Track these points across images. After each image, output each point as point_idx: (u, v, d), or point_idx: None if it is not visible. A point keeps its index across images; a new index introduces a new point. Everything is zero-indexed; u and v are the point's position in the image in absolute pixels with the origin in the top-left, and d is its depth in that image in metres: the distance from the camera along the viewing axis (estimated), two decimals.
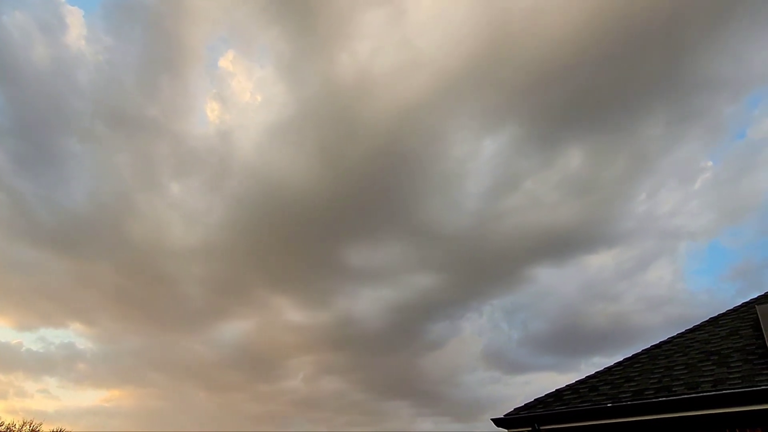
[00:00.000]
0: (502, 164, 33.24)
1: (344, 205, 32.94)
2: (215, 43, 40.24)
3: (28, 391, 38.25)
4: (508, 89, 29.84)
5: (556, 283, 38.43)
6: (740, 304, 8.62)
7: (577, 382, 7.89)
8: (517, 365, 37.32)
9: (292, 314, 40.20)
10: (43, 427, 23.55)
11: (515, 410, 7.57)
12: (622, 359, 8.15)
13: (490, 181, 33.59)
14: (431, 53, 29.96)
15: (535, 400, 7.72)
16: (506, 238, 33.54)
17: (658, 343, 8.30)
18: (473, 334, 40.35)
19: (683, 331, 8.43)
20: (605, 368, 8.01)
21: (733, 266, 36.83)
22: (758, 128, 32.88)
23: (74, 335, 43.88)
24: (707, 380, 6.32)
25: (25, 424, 23.08)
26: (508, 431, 7.49)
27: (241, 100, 37.75)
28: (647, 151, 30.91)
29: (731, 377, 6.17)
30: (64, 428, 24.22)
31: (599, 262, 37.41)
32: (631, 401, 6.51)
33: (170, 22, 32.03)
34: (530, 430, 7.14)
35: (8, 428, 22.26)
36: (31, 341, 47.78)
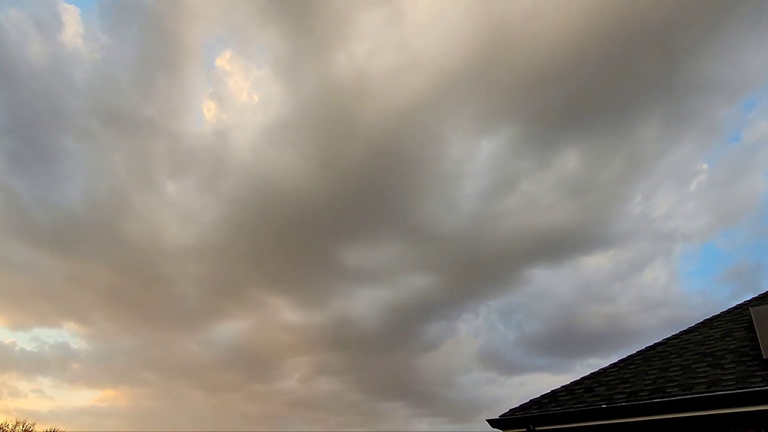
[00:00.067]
0: (498, 165, 33.36)
1: (341, 205, 32.98)
2: (212, 42, 40.23)
3: (21, 390, 38.07)
4: (505, 90, 29.94)
5: (552, 284, 38.60)
6: (734, 305, 8.68)
7: (572, 383, 7.91)
8: (512, 366, 37.45)
9: (288, 314, 40.18)
10: (36, 427, 23.38)
11: (510, 411, 7.59)
12: (617, 360, 8.19)
13: (487, 182, 33.71)
14: (429, 54, 30.06)
15: (530, 401, 7.75)
16: (503, 239, 33.66)
17: (652, 344, 8.34)
18: (469, 334, 40.44)
19: (678, 332, 8.47)
20: (600, 369, 8.04)
21: (727, 268, 37.06)
22: (753, 131, 33.10)
23: (68, 335, 43.70)
24: (701, 382, 6.35)
25: (18, 424, 22.92)
26: None
27: (238, 99, 37.72)
28: (643, 153, 31.10)
29: (725, 379, 6.20)
30: (57, 428, 24.04)
31: (595, 263, 37.60)
32: (625, 402, 6.54)
33: (167, 20, 32.00)
34: (525, 430, 7.16)
35: (1, 428, 22.10)
36: (24, 341, 47.54)
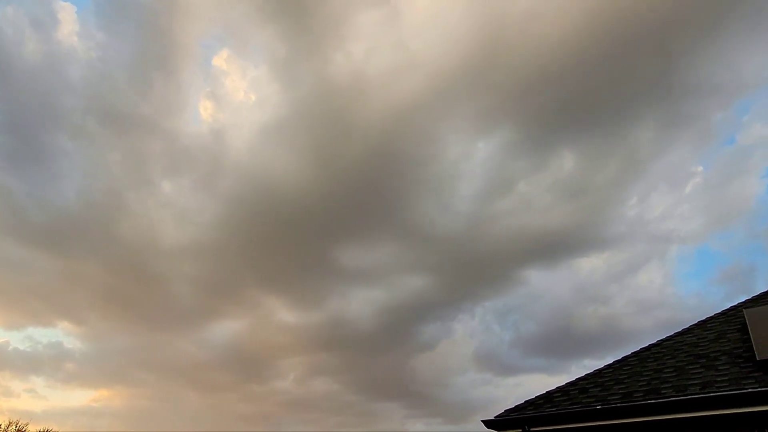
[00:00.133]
0: (495, 166, 33.28)
1: (338, 205, 32.90)
2: (209, 41, 39.92)
3: (14, 390, 37.72)
4: (502, 92, 29.92)
5: (547, 285, 38.54)
6: (728, 307, 8.71)
7: (567, 384, 7.94)
8: (508, 367, 37.42)
9: (283, 314, 40.01)
10: (29, 427, 23.18)
11: (505, 412, 7.60)
12: (611, 362, 8.21)
13: (483, 183, 33.64)
14: (427, 55, 29.95)
15: (525, 401, 7.76)
16: (499, 240, 33.63)
17: (647, 345, 8.37)
18: (465, 335, 40.38)
19: (672, 334, 8.51)
20: (595, 370, 8.07)
21: (721, 270, 37.15)
22: (747, 134, 33.14)
23: (62, 334, 43.21)
24: (695, 383, 6.39)
25: (11, 424, 22.70)
26: None
27: (234, 99, 37.50)
28: (639, 155, 31.09)
29: (719, 380, 6.23)
30: (51, 428, 23.88)
31: (590, 265, 37.58)
32: (620, 403, 6.56)
33: (164, 19, 31.74)
34: (520, 431, 7.18)
35: None
36: (18, 340, 47.16)
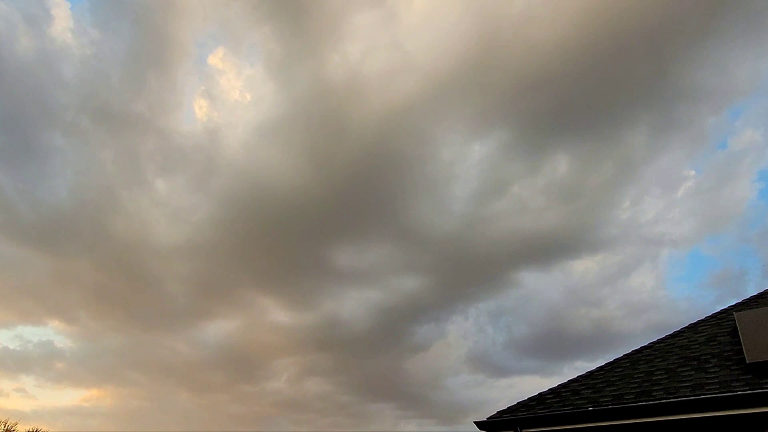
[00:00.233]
0: (489, 168, 33.42)
1: (332, 205, 32.85)
2: (205, 39, 39.73)
3: (3, 390, 37.29)
4: (497, 94, 30.01)
5: (540, 287, 38.68)
6: (719, 310, 8.78)
7: (559, 385, 7.98)
8: (501, 368, 37.50)
9: (276, 315, 39.86)
10: (18, 427, 22.97)
11: (498, 413, 7.63)
12: (604, 364, 8.26)
13: (477, 185, 33.73)
14: (422, 56, 30.01)
15: (518, 403, 7.79)
16: (493, 241, 33.71)
17: (639, 348, 8.43)
18: (458, 337, 40.43)
19: (663, 336, 8.58)
20: (587, 372, 8.11)
21: (712, 274, 37.46)
22: (739, 139, 33.47)
23: (53, 333, 42.81)
24: (686, 385, 6.44)
25: (0, 423, 22.55)
26: None
27: (229, 98, 37.33)
28: (632, 158, 31.32)
29: (709, 383, 6.29)
30: (40, 428, 23.67)
31: (583, 267, 37.72)
32: (611, 405, 6.60)
33: (159, 16, 31.54)
34: None
35: None
36: (7, 339, 46.49)
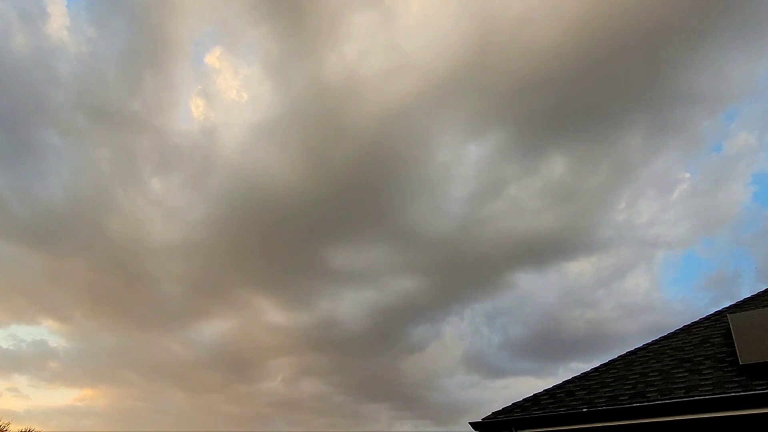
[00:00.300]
0: (486, 170, 33.52)
1: (328, 206, 32.85)
2: (202, 38, 39.61)
3: None
4: (494, 95, 30.10)
5: (536, 288, 38.78)
6: (713, 312, 8.81)
7: (554, 387, 7.99)
8: (496, 369, 37.58)
9: (272, 315, 39.80)
10: (11, 427, 22.67)
11: (493, 414, 7.64)
12: (598, 365, 8.28)
13: (474, 186, 33.83)
14: (419, 57, 30.08)
15: (512, 404, 7.79)
16: (489, 243, 33.79)
17: (633, 349, 8.46)
18: (454, 337, 40.48)
19: (658, 338, 8.61)
20: (582, 373, 8.13)
21: (707, 276, 37.67)
22: (734, 142, 33.72)
23: (47, 332, 42.62)
24: (680, 387, 6.47)
25: None
26: None
27: (226, 97, 37.27)
28: (628, 161, 31.51)
29: (703, 384, 6.32)
30: (33, 428, 23.46)
31: (579, 268, 37.87)
32: (606, 406, 6.62)
33: (156, 14, 31.48)
34: None
35: None
36: (1, 338, 46.28)
